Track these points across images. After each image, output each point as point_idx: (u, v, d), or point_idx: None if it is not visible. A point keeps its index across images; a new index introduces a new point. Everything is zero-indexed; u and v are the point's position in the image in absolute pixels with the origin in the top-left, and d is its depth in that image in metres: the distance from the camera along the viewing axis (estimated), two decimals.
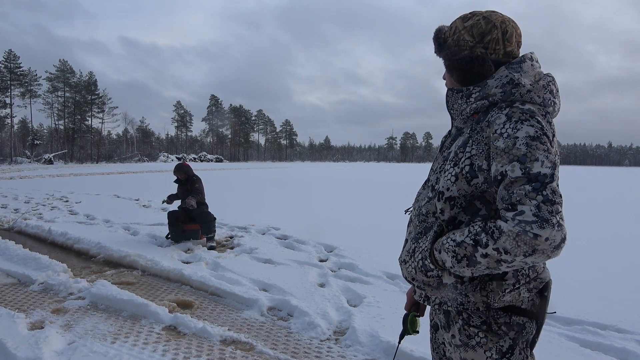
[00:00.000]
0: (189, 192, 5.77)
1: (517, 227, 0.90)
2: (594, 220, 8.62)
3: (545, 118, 1.04)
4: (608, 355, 2.66)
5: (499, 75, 1.07)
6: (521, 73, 1.06)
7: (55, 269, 4.05)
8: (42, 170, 29.61)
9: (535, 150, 0.96)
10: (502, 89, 1.05)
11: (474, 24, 1.09)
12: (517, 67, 1.07)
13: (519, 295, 1.07)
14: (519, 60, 1.09)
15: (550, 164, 0.95)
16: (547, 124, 1.02)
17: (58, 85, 62.73)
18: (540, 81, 1.07)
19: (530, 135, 0.97)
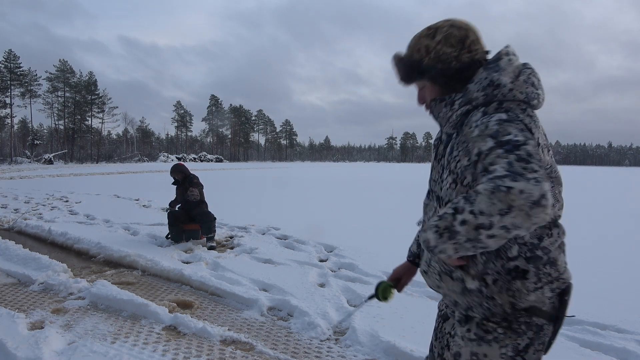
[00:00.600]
0: (187, 191, 5.76)
1: (490, 183, 0.85)
2: (594, 220, 8.62)
3: (525, 112, 1.04)
4: (608, 355, 2.66)
5: (479, 79, 1.06)
6: (500, 72, 1.05)
7: (55, 269, 4.05)
8: (42, 170, 29.61)
9: (508, 127, 0.95)
10: (483, 92, 1.05)
11: (448, 35, 1.09)
12: (494, 67, 1.06)
13: (543, 295, 1.07)
14: (496, 58, 1.08)
15: (523, 136, 0.93)
16: (527, 117, 1.02)
17: (58, 85, 62.75)
18: (520, 76, 1.06)
19: (503, 119, 0.98)
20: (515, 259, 1.05)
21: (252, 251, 5.20)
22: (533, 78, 1.08)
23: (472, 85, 1.07)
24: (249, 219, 7.47)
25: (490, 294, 1.06)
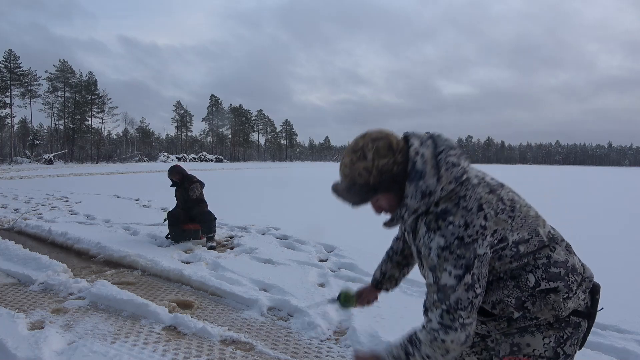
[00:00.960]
0: (187, 190, 5.77)
1: (429, 335, 1.12)
2: (594, 220, 8.62)
3: (459, 205, 1.11)
4: (608, 355, 2.66)
5: (411, 193, 1.13)
6: (423, 178, 1.10)
7: (55, 269, 4.05)
8: (42, 170, 29.61)
9: (444, 263, 1.09)
10: (422, 202, 1.12)
11: (376, 148, 1.13)
12: (417, 176, 1.11)
13: (579, 299, 1.18)
14: (412, 165, 1.12)
15: (456, 273, 1.07)
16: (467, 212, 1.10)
17: (58, 85, 62.75)
18: (440, 168, 1.11)
19: (441, 246, 1.09)
20: (538, 286, 1.14)
21: (252, 251, 5.20)
22: (450, 158, 1.13)
23: (408, 199, 1.14)
24: (249, 219, 7.47)
25: (534, 315, 1.17)
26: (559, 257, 1.17)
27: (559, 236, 1.24)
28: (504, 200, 1.15)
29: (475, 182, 1.16)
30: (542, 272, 1.15)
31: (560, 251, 1.19)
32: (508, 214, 1.13)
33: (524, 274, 1.15)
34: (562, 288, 1.15)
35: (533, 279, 1.14)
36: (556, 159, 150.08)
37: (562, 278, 1.15)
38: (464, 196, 1.12)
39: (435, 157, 1.13)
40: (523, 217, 1.16)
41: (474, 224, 1.09)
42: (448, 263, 1.08)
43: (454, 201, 1.12)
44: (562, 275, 1.15)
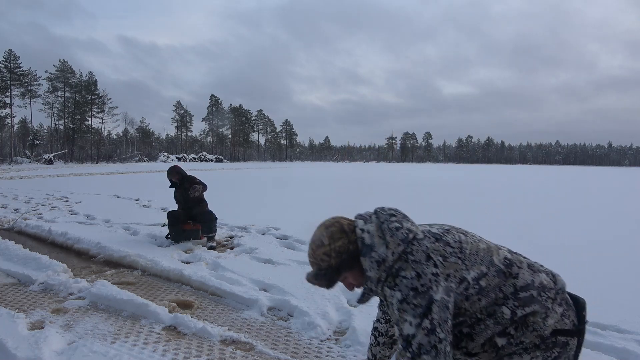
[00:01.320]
0: (187, 190, 5.76)
1: None
2: (594, 220, 8.62)
3: (414, 260, 1.22)
4: (608, 355, 2.66)
5: (368, 266, 1.26)
6: (374, 249, 1.25)
7: (55, 269, 4.05)
8: (42, 170, 29.61)
9: (403, 314, 1.18)
10: (379, 270, 1.24)
11: (330, 233, 1.31)
12: (368, 249, 1.26)
13: (557, 313, 1.23)
14: (361, 242, 1.28)
15: (415, 320, 1.16)
16: (417, 265, 1.20)
17: (58, 85, 62.74)
18: (386, 236, 1.25)
19: (399, 299, 1.19)
20: (515, 315, 1.21)
21: (252, 251, 5.20)
22: (392, 224, 1.27)
23: (368, 272, 1.28)
24: (249, 219, 7.46)
25: (519, 340, 1.22)
26: (525, 281, 1.24)
27: (518, 259, 1.31)
28: (451, 244, 1.25)
29: (420, 237, 1.26)
30: (514, 300, 1.21)
31: (523, 274, 1.25)
32: (457, 255, 1.22)
33: (498, 309, 1.21)
34: (538, 309, 1.20)
35: (508, 310, 1.21)
36: (556, 159, 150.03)
37: (535, 300, 1.21)
38: (411, 251, 1.22)
39: (380, 229, 1.26)
40: (474, 254, 1.24)
41: (425, 273, 1.18)
42: (407, 313, 1.17)
43: (404, 259, 1.22)
44: (535, 297, 1.21)
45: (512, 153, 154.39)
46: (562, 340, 1.22)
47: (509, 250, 1.36)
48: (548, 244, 6.02)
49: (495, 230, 7.13)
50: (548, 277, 1.29)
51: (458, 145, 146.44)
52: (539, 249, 5.63)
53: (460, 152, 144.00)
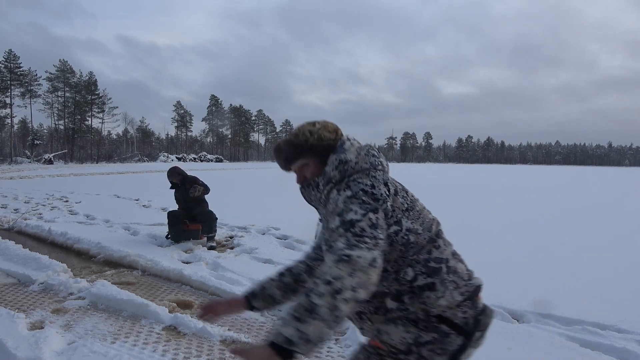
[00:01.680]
0: (188, 191, 5.77)
1: (334, 255, 1.05)
2: (594, 220, 8.62)
3: (370, 175, 1.24)
4: (608, 355, 2.66)
5: (331, 161, 1.29)
6: (345, 152, 1.30)
7: (55, 269, 4.05)
8: (42, 170, 29.62)
9: (350, 205, 1.14)
10: (337, 170, 1.27)
11: (325, 125, 1.37)
12: (341, 149, 1.31)
13: (453, 298, 1.18)
14: (340, 144, 1.33)
15: (362, 211, 1.12)
16: (372, 178, 1.23)
17: (58, 85, 62.77)
18: (361, 152, 1.30)
19: (348, 196, 1.17)
20: (416, 280, 1.18)
21: (252, 251, 5.20)
22: (372, 151, 1.33)
23: (327, 167, 1.30)
24: (249, 219, 7.46)
25: (405, 307, 1.20)
26: (441, 255, 1.23)
27: (446, 239, 1.31)
28: (408, 193, 1.29)
29: (386, 172, 1.32)
30: (422, 266, 1.19)
31: (444, 250, 1.25)
32: (407, 202, 1.24)
33: (404, 267, 1.19)
34: (438, 286, 1.17)
35: (412, 273, 1.18)
36: (556, 159, 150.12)
37: (439, 274, 1.19)
38: (374, 173, 1.25)
39: (360, 147, 1.34)
40: (419, 212, 1.26)
41: (379, 187, 1.20)
42: (354, 205, 1.14)
43: (365, 173, 1.25)
44: (441, 272, 1.19)
45: (512, 153, 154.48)
46: (444, 330, 1.17)
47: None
48: (548, 244, 6.03)
49: (497, 227, 7.13)
50: (465, 269, 1.27)
51: (458, 145, 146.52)
52: (539, 249, 5.63)
53: (460, 152, 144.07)
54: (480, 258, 5.11)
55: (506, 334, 2.91)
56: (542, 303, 3.46)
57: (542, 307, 3.39)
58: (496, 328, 3.03)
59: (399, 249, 1.18)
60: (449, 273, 1.20)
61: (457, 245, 1.37)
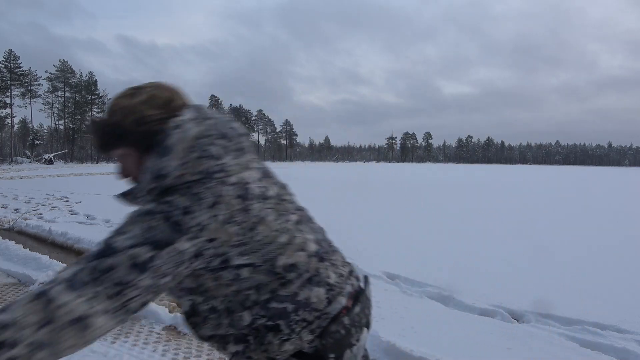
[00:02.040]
0: None
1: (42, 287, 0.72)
2: (594, 220, 8.62)
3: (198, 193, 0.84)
4: (608, 355, 2.66)
5: (146, 168, 0.88)
6: (167, 156, 0.86)
7: (56, 269, 4.05)
8: (42, 170, 29.63)
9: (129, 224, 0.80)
10: (151, 184, 0.87)
11: (151, 96, 0.92)
12: (163, 150, 0.87)
13: (302, 340, 0.92)
14: (165, 136, 0.88)
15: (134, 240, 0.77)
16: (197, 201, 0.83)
17: (58, 85, 62.79)
18: (192, 153, 0.87)
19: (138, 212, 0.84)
20: (252, 324, 0.90)
21: None
22: (213, 148, 0.90)
23: (143, 175, 0.88)
24: None
25: (248, 354, 0.94)
26: (288, 291, 0.91)
27: (310, 264, 0.96)
28: (252, 213, 0.88)
29: (232, 181, 0.88)
30: (260, 308, 0.90)
31: (292, 284, 0.92)
32: (243, 230, 0.86)
33: (240, 310, 0.91)
34: (283, 328, 0.90)
35: (248, 318, 0.90)
36: (556, 159, 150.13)
37: (285, 316, 0.90)
38: (200, 189, 0.84)
39: (195, 139, 0.89)
40: (263, 242, 0.89)
41: (193, 215, 0.81)
42: (134, 226, 0.78)
43: (186, 189, 0.85)
44: (287, 312, 0.91)
45: (512, 153, 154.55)
46: None
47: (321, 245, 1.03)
48: (548, 244, 6.03)
49: (497, 227, 7.13)
50: (324, 293, 0.95)
51: (458, 145, 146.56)
52: (539, 249, 5.63)
53: (460, 152, 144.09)
54: (480, 258, 5.13)
55: (506, 334, 2.91)
56: (542, 303, 3.46)
57: (542, 307, 3.39)
58: (496, 328, 3.04)
59: (226, 284, 0.89)
60: (299, 310, 0.91)
61: (458, 246, 1.37)
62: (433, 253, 5.24)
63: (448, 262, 4.82)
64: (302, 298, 0.92)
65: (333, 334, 0.94)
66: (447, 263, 4.79)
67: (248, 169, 0.94)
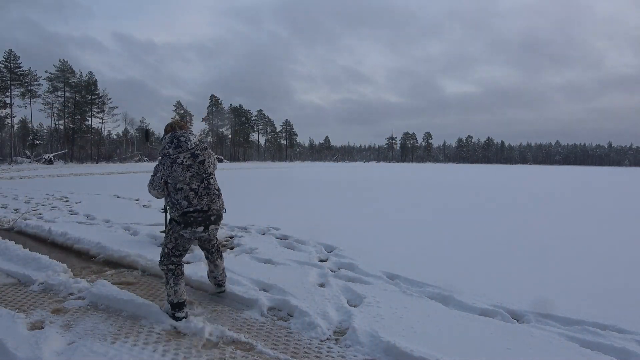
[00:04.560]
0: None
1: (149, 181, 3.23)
2: (594, 220, 8.63)
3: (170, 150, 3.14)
4: (608, 355, 2.66)
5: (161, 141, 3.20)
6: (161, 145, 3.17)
7: (55, 269, 4.05)
8: (42, 170, 29.61)
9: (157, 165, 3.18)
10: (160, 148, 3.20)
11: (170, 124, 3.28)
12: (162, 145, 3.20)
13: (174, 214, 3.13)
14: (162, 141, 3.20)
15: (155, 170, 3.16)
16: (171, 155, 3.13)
17: (58, 85, 62.68)
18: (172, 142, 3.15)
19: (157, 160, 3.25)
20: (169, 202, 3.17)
21: (252, 251, 5.20)
22: (168, 146, 3.14)
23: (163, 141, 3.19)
24: (249, 219, 7.46)
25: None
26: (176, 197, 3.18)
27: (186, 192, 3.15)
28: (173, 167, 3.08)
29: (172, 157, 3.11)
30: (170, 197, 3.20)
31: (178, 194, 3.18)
32: (169, 172, 3.10)
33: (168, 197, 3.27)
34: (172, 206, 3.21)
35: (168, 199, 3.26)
36: (556, 159, 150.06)
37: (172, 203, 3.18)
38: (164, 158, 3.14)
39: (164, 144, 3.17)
40: (173, 177, 3.09)
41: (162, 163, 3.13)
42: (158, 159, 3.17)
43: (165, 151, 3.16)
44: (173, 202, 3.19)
45: (512, 153, 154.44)
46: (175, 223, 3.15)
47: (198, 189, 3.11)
48: (548, 244, 6.03)
49: (497, 227, 7.14)
50: (187, 204, 3.07)
51: (458, 145, 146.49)
52: (539, 250, 5.63)
53: (460, 152, 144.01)
54: (480, 258, 5.13)
55: (506, 334, 2.91)
56: (542, 303, 3.46)
57: (542, 307, 3.39)
58: (496, 328, 3.04)
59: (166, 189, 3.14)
60: (175, 203, 3.08)
61: (458, 245, 1.37)
62: (433, 253, 5.25)
63: (448, 262, 4.82)
64: (178, 200, 3.06)
65: (184, 216, 3.05)
66: (447, 263, 4.79)
67: (180, 155, 3.10)
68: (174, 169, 3.00)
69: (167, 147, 3.07)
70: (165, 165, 3.03)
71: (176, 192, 3.02)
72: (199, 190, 3.05)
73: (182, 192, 3.01)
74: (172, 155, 3.03)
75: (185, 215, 3.01)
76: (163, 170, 3.04)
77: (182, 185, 3.00)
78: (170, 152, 3.05)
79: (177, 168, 3.00)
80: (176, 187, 3.01)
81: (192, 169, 3.05)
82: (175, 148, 3.05)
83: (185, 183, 3.01)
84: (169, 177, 3.02)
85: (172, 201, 3.05)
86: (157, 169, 3.09)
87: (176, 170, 3.00)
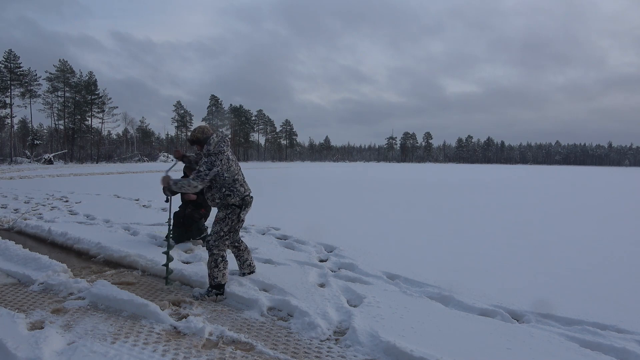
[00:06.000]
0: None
1: (194, 174, 3.63)
2: (594, 221, 8.62)
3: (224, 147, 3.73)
4: (608, 355, 2.66)
5: (207, 145, 3.70)
6: (210, 145, 3.68)
7: (55, 269, 4.05)
8: (42, 170, 29.60)
9: (209, 156, 3.68)
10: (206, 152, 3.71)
11: (206, 128, 3.82)
12: (208, 144, 3.71)
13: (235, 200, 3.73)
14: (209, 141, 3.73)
15: (212, 159, 3.64)
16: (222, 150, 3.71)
17: (58, 85, 62.69)
18: (221, 142, 3.73)
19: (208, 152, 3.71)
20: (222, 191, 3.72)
21: (252, 251, 5.19)
22: (221, 144, 3.71)
23: (207, 146, 3.70)
24: (249, 219, 7.46)
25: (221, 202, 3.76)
26: (234, 185, 3.75)
27: (240, 182, 3.82)
28: (229, 163, 3.73)
29: (226, 154, 3.72)
30: (227, 188, 3.72)
31: (236, 184, 3.76)
32: (226, 167, 3.69)
33: (217, 190, 3.77)
34: (232, 194, 3.78)
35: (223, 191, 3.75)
36: (556, 159, 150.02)
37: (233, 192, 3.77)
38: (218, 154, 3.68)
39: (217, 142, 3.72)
40: (230, 171, 3.71)
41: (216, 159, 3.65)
42: (211, 157, 3.64)
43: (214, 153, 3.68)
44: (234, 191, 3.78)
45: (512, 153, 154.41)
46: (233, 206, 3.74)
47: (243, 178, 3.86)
48: (548, 244, 6.03)
49: (497, 227, 7.14)
50: (244, 190, 3.78)
51: (458, 145, 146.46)
52: (540, 250, 5.63)
53: (460, 152, 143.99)
54: (480, 258, 5.13)
55: (506, 334, 2.91)
56: (542, 303, 3.46)
57: (542, 307, 3.39)
58: (496, 328, 3.04)
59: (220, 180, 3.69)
60: (235, 191, 3.70)
61: (458, 245, 1.37)
62: (433, 253, 5.25)
63: (448, 262, 4.82)
64: (237, 188, 3.73)
65: (244, 199, 3.78)
66: (447, 263, 4.79)
67: (228, 152, 3.79)
68: (230, 164, 3.67)
69: (221, 146, 3.66)
70: (223, 161, 3.62)
71: (234, 182, 3.68)
72: (244, 179, 3.86)
73: (238, 182, 3.71)
74: (225, 152, 3.68)
75: (244, 199, 3.74)
76: (221, 165, 3.60)
77: (238, 177, 3.73)
78: (224, 149, 3.67)
79: (232, 163, 3.71)
80: (233, 178, 3.68)
81: (236, 162, 3.82)
82: (227, 146, 3.72)
83: (238, 174, 3.76)
84: (227, 171, 3.63)
85: (227, 191, 3.65)
86: (213, 164, 3.57)
87: (232, 165, 3.69)
